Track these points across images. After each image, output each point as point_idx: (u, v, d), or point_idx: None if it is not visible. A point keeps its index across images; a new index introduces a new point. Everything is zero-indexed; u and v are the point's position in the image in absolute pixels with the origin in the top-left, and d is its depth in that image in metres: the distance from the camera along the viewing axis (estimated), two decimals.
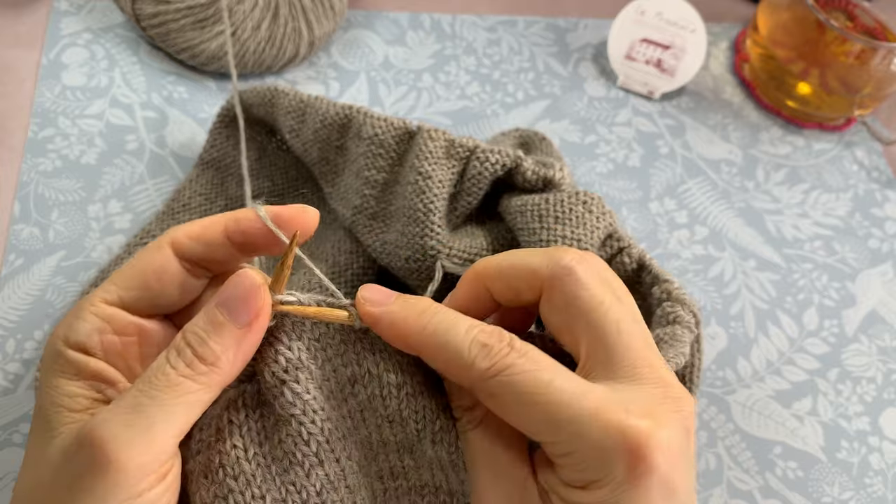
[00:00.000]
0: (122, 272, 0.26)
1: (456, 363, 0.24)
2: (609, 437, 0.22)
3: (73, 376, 0.25)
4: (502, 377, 0.24)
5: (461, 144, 0.37)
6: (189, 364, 0.24)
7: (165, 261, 0.26)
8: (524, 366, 0.24)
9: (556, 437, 0.23)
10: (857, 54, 0.53)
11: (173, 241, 0.26)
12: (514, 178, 0.38)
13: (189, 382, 0.23)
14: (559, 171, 0.37)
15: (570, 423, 0.23)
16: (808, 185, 0.55)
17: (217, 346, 0.24)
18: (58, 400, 0.24)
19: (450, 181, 0.37)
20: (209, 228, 0.27)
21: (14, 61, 0.51)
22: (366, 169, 0.39)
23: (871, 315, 0.50)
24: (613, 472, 0.22)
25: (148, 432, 0.22)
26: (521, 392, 0.23)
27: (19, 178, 0.47)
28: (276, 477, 0.26)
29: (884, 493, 0.43)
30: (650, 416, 0.23)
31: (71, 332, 0.25)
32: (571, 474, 0.24)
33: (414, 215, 0.36)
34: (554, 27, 0.61)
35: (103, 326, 0.25)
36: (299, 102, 0.42)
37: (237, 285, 0.25)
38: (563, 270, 0.25)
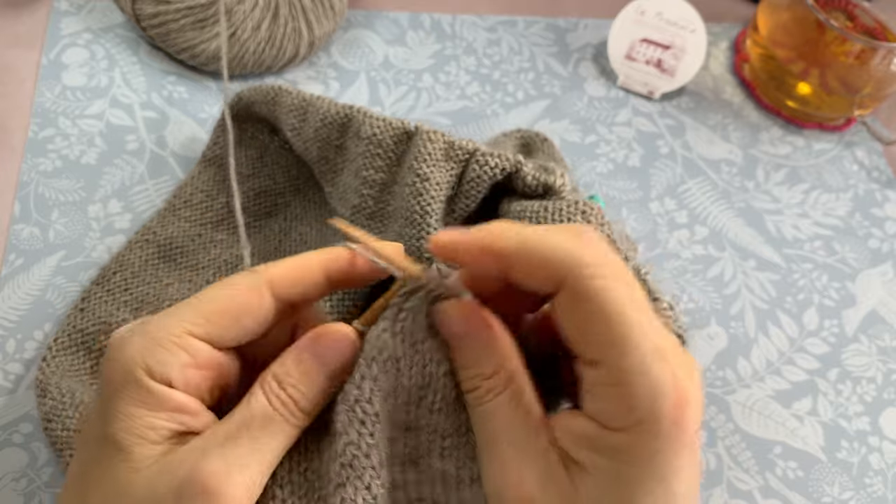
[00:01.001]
0: (212, 305, 0.25)
1: (553, 255, 0.23)
2: (664, 381, 0.22)
3: (155, 407, 0.24)
4: (599, 281, 0.23)
5: (460, 147, 0.37)
6: (291, 413, 0.25)
7: (263, 301, 0.26)
8: (619, 281, 0.23)
9: (622, 361, 0.22)
10: (857, 54, 0.53)
11: (272, 282, 0.26)
12: (514, 182, 0.38)
13: (289, 428, 0.25)
14: (560, 177, 0.37)
15: (640, 353, 0.22)
16: (808, 185, 0.55)
17: (313, 395, 0.25)
18: (138, 431, 0.24)
19: (448, 184, 0.37)
20: (309, 271, 0.27)
21: (14, 61, 0.51)
22: (364, 169, 0.39)
23: (871, 315, 0.50)
24: (661, 415, 0.22)
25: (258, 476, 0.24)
26: (611, 304, 0.22)
27: (19, 178, 0.47)
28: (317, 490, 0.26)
29: (884, 493, 0.43)
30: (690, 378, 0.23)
31: (155, 363, 0.24)
32: (615, 408, 0.23)
33: (411, 217, 0.36)
34: (554, 27, 0.61)
35: (187, 360, 0.25)
36: (301, 101, 0.42)
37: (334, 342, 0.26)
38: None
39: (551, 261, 0.23)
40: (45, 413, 0.37)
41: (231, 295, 0.26)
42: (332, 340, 0.25)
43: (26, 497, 0.37)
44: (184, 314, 0.25)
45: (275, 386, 0.25)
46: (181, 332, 0.25)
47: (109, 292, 0.42)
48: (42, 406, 0.37)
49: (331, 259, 0.27)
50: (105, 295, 0.42)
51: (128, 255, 0.43)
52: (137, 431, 0.24)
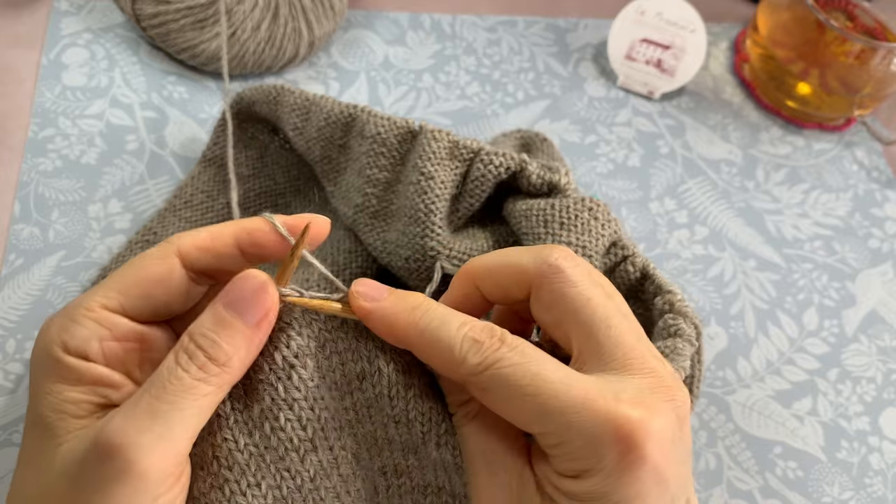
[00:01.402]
0: (124, 278, 0.26)
1: (447, 359, 0.25)
2: (599, 426, 0.22)
3: (74, 382, 0.24)
4: (492, 371, 0.24)
5: (465, 146, 0.37)
6: (202, 367, 0.24)
7: (171, 270, 0.26)
8: (514, 359, 0.24)
9: (546, 428, 0.23)
10: (857, 54, 0.53)
11: (180, 250, 0.26)
12: (519, 181, 0.38)
13: (203, 385, 0.23)
14: (564, 175, 0.37)
15: (560, 414, 0.23)
16: (808, 185, 0.55)
17: (229, 346, 0.24)
18: (59, 406, 0.24)
19: (452, 182, 0.37)
20: (218, 239, 0.26)
21: (14, 61, 0.51)
22: (368, 167, 0.39)
23: (871, 315, 0.50)
24: (604, 460, 0.22)
25: (167, 437, 0.22)
26: (511, 385, 0.23)
27: (19, 178, 0.47)
28: (270, 464, 0.26)
29: (884, 493, 0.43)
30: (641, 404, 0.23)
31: (70, 338, 0.24)
32: (563, 464, 0.24)
33: (415, 215, 0.36)
34: (554, 27, 0.61)
35: (104, 333, 0.25)
36: (304, 100, 0.42)
37: (244, 285, 0.25)
38: (551, 268, 0.25)
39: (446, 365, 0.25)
40: None
41: (142, 266, 0.26)
42: (245, 285, 0.25)
43: None
44: (97, 289, 0.25)
45: (185, 340, 0.24)
46: (95, 305, 0.25)
47: None
48: None
49: (241, 229, 0.27)
50: None
51: (127, 256, 0.43)
52: (59, 407, 0.24)
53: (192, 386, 0.23)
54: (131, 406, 0.23)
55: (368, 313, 0.26)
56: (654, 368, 0.25)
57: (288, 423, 0.26)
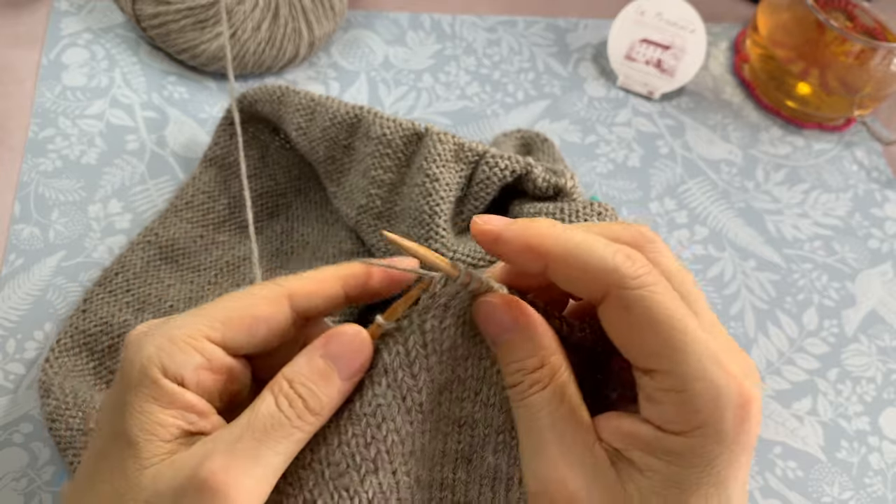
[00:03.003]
0: (231, 313, 0.26)
1: (598, 268, 0.23)
2: (727, 385, 0.22)
3: (167, 405, 0.24)
4: (644, 291, 0.23)
5: (470, 149, 0.37)
6: (300, 415, 0.24)
7: (281, 312, 0.26)
8: (663, 290, 0.23)
9: (677, 368, 0.22)
10: (856, 54, 0.53)
11: (291, 294, 0.26)
12: (524, 184, 0.38)
13: (298, 432, 0.24)
14: (570, 179, 0.37)
15: (696, 359, 0.22)
16: (808, 185, 0.55)
17: (325, 397, 0.25)
18: (149, 427, 0.24)
19: (457, 185, 0.37)
20: (326, 284, 0.27)
21: (14, 61, 0.51)
22: (373, 168, 0.39)
23: (871, 315, 0.50)
24: (723, 419, 0.22)
25: (265, 480, 0.23)
26: (658, 311, 0.22)
27: (20, 178, 0.47)
28: (329, 481, 0.26)
29: (884, 493, 0.43)
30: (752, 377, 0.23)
31: (170, 363, 0.24)
32: (675, 414, 0.23)
33: (419, 217, 0.36)
34: (554, 27, 0.61)
35: (202, 362, 0.25)
36: (309, 101, 0.42)
37: (347, 340, 0.25)
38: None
39: (594, 270, 0.23)
40: (48, 413, 0.37)
41: (251, 304, 0.26)
42: (345, 339, 0.25)
43: (26, 497, 0.37)
44: (203, 317, 0.25)
45: (285, 386, 0.25)
46: (198, 334, 0.25)
47: (111, 293, 0.42)
48: (45, 406, 0.37)
49: (349, 275, 0.27)
50: (107, 296, 0.42)
51: (130, 257, 0.43)
52: (148, 427, 0.24)
53: (290, 433, 0.24)
54: (232, 444, 0.23)
55: (501, 233, 0.24)
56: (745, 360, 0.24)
57: (354, 438, 0.26)
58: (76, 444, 0.36)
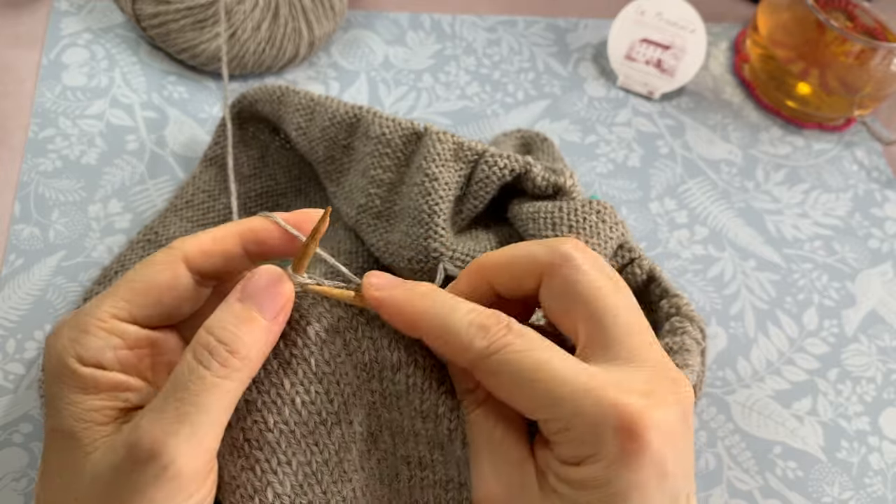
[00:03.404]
0: (132, 287, 0.26)
1: (455, 343, 0.25)
2: (602, 413, 0.23)
3: (93, 391, 0.24)
4: (500, 356, 0.24)
5: (469, 148, 0.37)
6: (223, 363, 0.24)
7: (178, 276, 0.26)
8: (521, 345, 0.24)
9: (551, 414, 0.24)
10: (856, 54, 0.53)
11: (186, 256, 0.26)
12: (524, 183, 0.38)
13: (226, 382, 0.24)
14: (569, 178, 0.37)
15: (565, 400, 0.23)
16: (808, 185, 0.55)
17: (249, 339, 0.24)
18: (82, 415, 0.24)
19: (456, 184, 0.37)
20: (223, 241, 0.27)
21: (14, 61, 0.51)
22: (372, 168, 0.39)
23: (871, 315, 0.50)
24: (606, 447, 0.23)
25: (197, 438, 0.23)
26: (518, 370, 0.24)
27: (19, 178, 0.47)
28: (300, 439, 0.26)
29: (884, 493, 0.43)
30: (646, 395, 0.23)
31: (82, 350, 0.25)
32: (566, 451, 0.24)
33: (419, 216, 0.36)
34: (554, 27, 0.61)
35: (116, 342, 0.25)
36: (309, 101, 0.42)
37: (261, 279, 0.25)
38: (562, 257, 0.26)
39: (455, 350, 0.25)
40: None
41: (148, 273, 0.26)
42: (262, 279, 0.25)
43: (26, 497, 0.37)
44: (107, 299, 0.26)
45: (203, 336, 0.24)
46: (106, 316, 0.25)
47: None
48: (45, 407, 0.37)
49: (247, 229, 0.27)
50: None
51: (129, 256, 0.43)
52: (82, 416, 0.24)
53: (215, 384, 0.24)
54: (157, 409, 0.23)
55: (381, 302, 0.26)
56: (659, 361, 0.25)
57: (318, 396, 0.26)
58: None
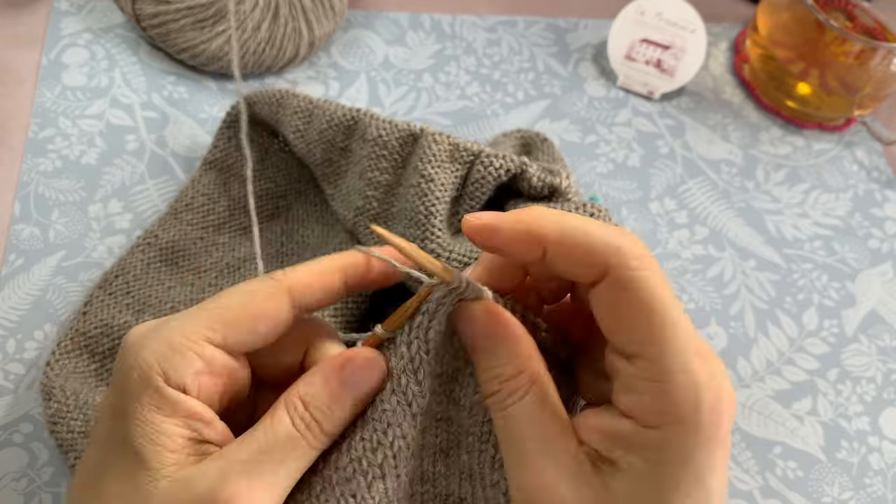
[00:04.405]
0: (230, 311, 0.25)
1: (599, 245, 0.23)
2: (708, 381, 0.22)
3: (170, 413, 0.24)
4: (646, 272, 0.23)
5: (465, 148, 0.37)
6: (315, 436, 0.25)
7: (281, 308, 0.25)
8: (662, 277, 0.23)
9: (663, 357, 0.22)
10: (856, 54, 0.53)
11: (291, 288, 0.26)
12: (520, 184, 0.38)
13: (312, 451, 0.25)
14: (565, 178, 0.37)
15: (682, 351, 0.22)
16: (808, 185, 0.55)
17: (338, 420, 0.25)
18: (155, 438, 0.24)
19: (452, 185, 0.37)
20: (326, 276, 0.27)
21: (14, 61, 0.51)
22: (369, 170, 0.39)
23: (871, 315, 0.50)
24: (701, 413, 0.22)
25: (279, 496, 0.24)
26: (654, 297, 0.22)
27: (20, 178, 0.47)
28: (336, 486, 0.25)
29: (884, 493, 0.43)
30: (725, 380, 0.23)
31: (171, 370, 0.24)
32: (654, 405, 0.22)
33: (415, 217, 0.36)
34: (554, 27, 0.61)
35: (200, 367, 0.24)
36: (308, 104, 0.42)
37: (364, 367, 0.26)
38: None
39: (596, 248, 0.23)
40: (50, 416, 0.37)
41: (250, 302, 0.25)
42: (362, 367, 0.26)
43: (26, 497, 0.37)
44: (201, 319, 0.25)
45: (300, 407, 0.25)
46: (198, 338, 0.24)
47: (112, 296, 0.42)
48: (47, 409, 0.37)
49: (348, 264, 0.27)
50: (107, 298, 0.42)
51: (130, 259, 0.43)
52: (153, 437, 0.24)
53: (305, 453, 0.25)
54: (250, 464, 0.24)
55: (498, 224, 0.24)
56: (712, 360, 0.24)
57: (361, 443, 0.26)
58: (78, 447, 0.36)
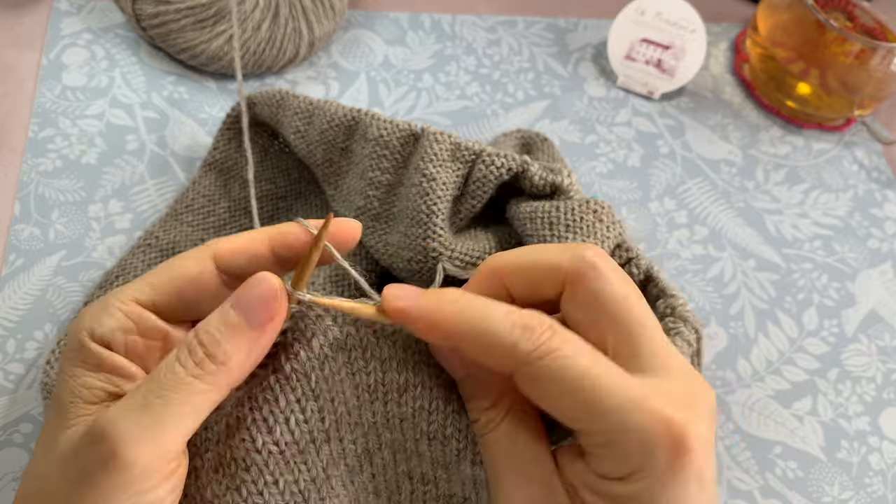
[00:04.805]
0: (158, 275, 0.26)
1: (497, 346, 0.24)
2: (654, 427, 0.22)
3: (93, 368, 0.25)
4: (546, 361, 0.23)
5: (467, 147, 0.37)
6: (199, 363, 0.23)
7: (205, 271, 0.26)
8: (567, 350, 0.23)
9: (597, 426, 0.23)
10: (856, 54, 0.53)
11: (216, 253, 0.26)
12: (521, 182, 0.37)
13: (197, 382, 0.23)
14: (567, 177, 0.37)
15: (615, 412, 0.22)
16: (808, 185, 0.55)
17: (229, 346, 0.24)
18: (75, 390, 0.24)
19: (454, 184, 0.37)
20: (253, 242, 0.27)
21: (14, 61, 0.51)
22: (370, 170, 0.39)
23: (871, 315, 0.50)
24: (655, 461, 0.22)
25: (156, 431, 0.22)
26: (565, 377, 0.23)
27: (20, 178, 0.47)
28: (290, 459, 0.26)
29: (884, 493, 0.43)
30: (687, 407, 0.23)
31: (96, 325, 0.25)
32: (609, 465, 0.23)
33: (417, 217, 0.36)
34: (554, 27, 0.61)
35: (130, 326, 0.25)
36: (308, 104, 0.42)
37: (254, 287, 0.24)
38: (587, 265, 0.25)
39: (495, 352, 0.24)
40: None
41: (177, 265, 0.26)
42: (253, 288, 0.24)
43: None
44: (133, 283, 0.26)
45: (189, 338, 0.24)
46: (127, 298, 0.25)
47: None
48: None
49: (276, 232, 0.27)
50: None
51: (130, 260, 0.43)
52: (75, 391, 0.24)
53: (187, 382, 0.23)
54: (127, 398, 0.23)
55: (406, 312, 0.25)
56: (688, 370, 0.24)
57: (312, 415, 0.26)
58: None
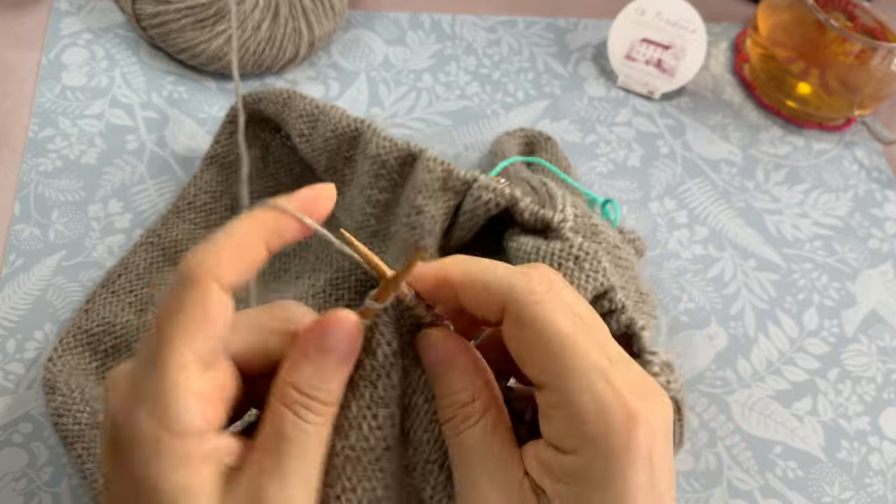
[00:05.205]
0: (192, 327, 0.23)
1: (494, 285, 0.25)
2: (613, 401, 0.22)
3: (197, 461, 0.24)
4: (537, 306, 0.24)
5: (458, 177, 0.36)
6: (319, 413, 0.24)
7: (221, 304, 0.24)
8: (560, 306, 0.24)
9: (562, 382, 0.23)
10: (857, 54, 0.53)
11: (217, 279, 0.23)
12: (513, 215, 0.37)
13: (323, 429, 0.25)
14: (559, 212, 0.35)
15: (583, 373, 0.23)
16: (808, 185, 0.55)
17: (332, 385, 0.25)
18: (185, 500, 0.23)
19: (444, 215, 0.36)
20: (248, 250, 0.25)
21: (14, 61, 0.51)
22: (368, 188, 0.39)
23: (871, 315, 0.50)
24: (610, 432, 0.22)
25: (310, 485, 0.24)
26: (547, 328, 0.23)
27: (20, 178, 0.47)
28: (366, 466, 0.26)
29: (884, 493, 0.43)
30: (644, 397, 0.23)
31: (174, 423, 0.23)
32: (564, 427, 0.23)
33: (406, 249, 0.36)
34: (554, 27, 0.61)
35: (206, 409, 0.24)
36: (314, 108, 0.41)
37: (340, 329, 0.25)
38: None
39: (493, 288, 0.25)
40: (54, 409, 0.37)
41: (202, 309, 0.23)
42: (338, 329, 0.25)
43: (26, 497, 0.37)
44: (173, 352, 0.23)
45: (294, 394, 0.24)
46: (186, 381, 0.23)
47: (114, 294, 0.42)
48: (51, 403, 0.37)
49: (266, 231, 0.26)
50: (110, 297, 0.42)
51: (132, 258, 0.43)
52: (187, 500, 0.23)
53: (318, 433, 0.24)
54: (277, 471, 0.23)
55: (426, 268, 0.26)
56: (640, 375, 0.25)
57: (385, 420, 0.26)
58: (84, 438, 0.36)
